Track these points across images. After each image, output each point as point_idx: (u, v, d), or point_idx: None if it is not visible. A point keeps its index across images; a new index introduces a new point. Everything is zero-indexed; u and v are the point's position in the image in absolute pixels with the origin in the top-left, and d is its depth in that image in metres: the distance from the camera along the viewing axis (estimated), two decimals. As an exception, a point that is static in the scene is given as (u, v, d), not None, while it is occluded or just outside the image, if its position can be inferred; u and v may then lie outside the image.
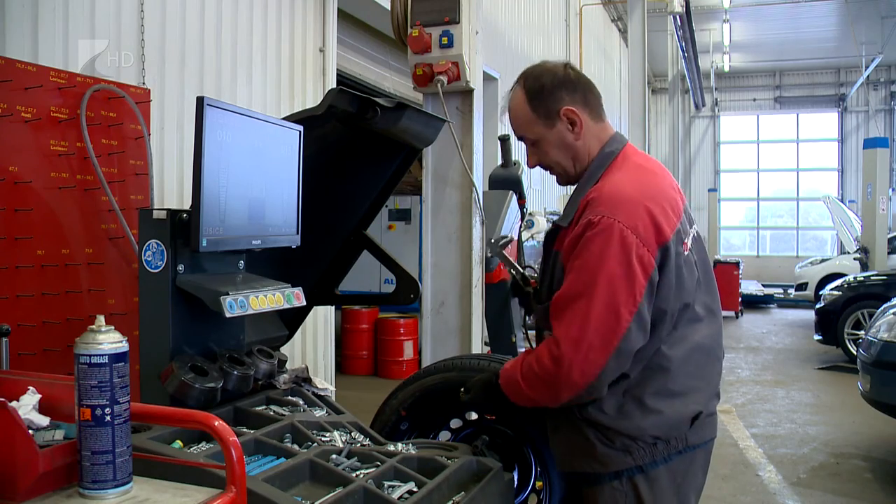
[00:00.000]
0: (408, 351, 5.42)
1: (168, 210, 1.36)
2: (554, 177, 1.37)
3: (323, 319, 3.41)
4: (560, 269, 1.25)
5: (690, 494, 1.31)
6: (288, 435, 1.36)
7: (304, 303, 1.52)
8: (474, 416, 1.67)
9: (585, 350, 1.14)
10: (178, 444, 1.21)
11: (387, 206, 5.70)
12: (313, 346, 3.34)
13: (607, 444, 1.25)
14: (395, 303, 1.94)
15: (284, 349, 1.79)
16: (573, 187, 1.35)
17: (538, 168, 1.37)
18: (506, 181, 2.90)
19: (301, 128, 1.59)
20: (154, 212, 1.37)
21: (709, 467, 1.35)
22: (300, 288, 1.51)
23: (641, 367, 1.24)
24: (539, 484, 1.58)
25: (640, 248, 1.15)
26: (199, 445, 1.24)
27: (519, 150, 7.02)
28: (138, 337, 1.37)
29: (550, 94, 1.27)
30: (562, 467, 1.36)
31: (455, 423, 1.69)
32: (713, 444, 1.35)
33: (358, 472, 1.26)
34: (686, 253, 1.25)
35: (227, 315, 1.31)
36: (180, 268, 1.36)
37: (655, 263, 1.17)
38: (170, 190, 2.40)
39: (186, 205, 1.37)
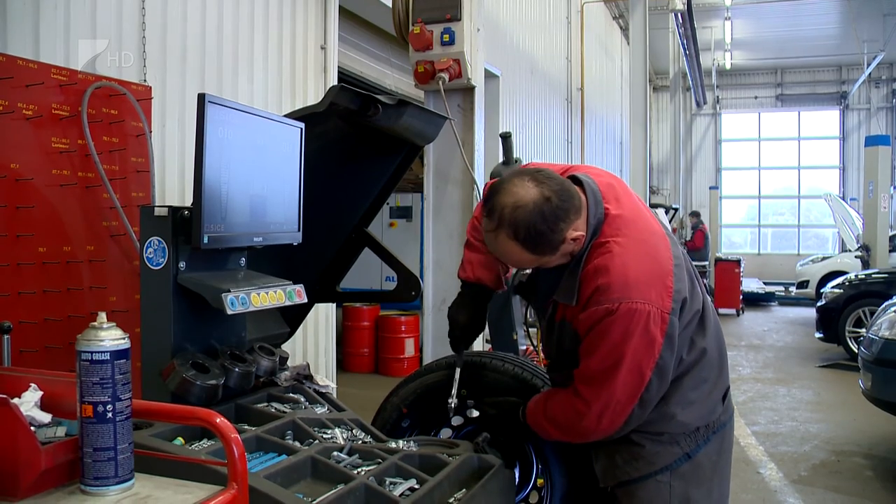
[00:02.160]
0: (409, 348, 5.42)
1: (169, 207, 1.36)
2: None
3: (324, 317, 3.41)
4: (571, 336, 1.30)
5: (726, 469, 1.37)
6: (289, 432, 1.36)
7: (306, 300, 1.52)
8: (475, 413, 1.67)
9: (613, 406, 1.24)
10: (180, 441, 1.21)
11: (388, 204, 5.69)
12: (314, 344, 3.35)
13: (655, 440, 1.30)
14: (396, 300, 1.94)
15: (285, 346, 1.79)
16: None
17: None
18: (507, 179, 2.89)
19: (302, 125, 1.58)
20: (155, 209, 1.37)
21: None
22: (302, 285, 1.51)
23: (679, 368, 1.29)
24: (540, 481, 1.58)
25: (656, 314, 1.21)
26: (201, 442, 1.24)
27: (520, 148, 6.90)
28: (140, 334, 1.37)
29: (552, 234, 1.22)
30: (606, 482, 1.37)
31: (456, 421, 1.69)
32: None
33: (359, 470, 1.26)
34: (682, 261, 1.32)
35: (229, 312, 1.31)
36: (182, 265, 1.36)
37: (673, 315, 1.23)
38: (171, 187, 2.40)
39: (188, 202, 1.37)
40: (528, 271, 1.54)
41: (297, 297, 1.49)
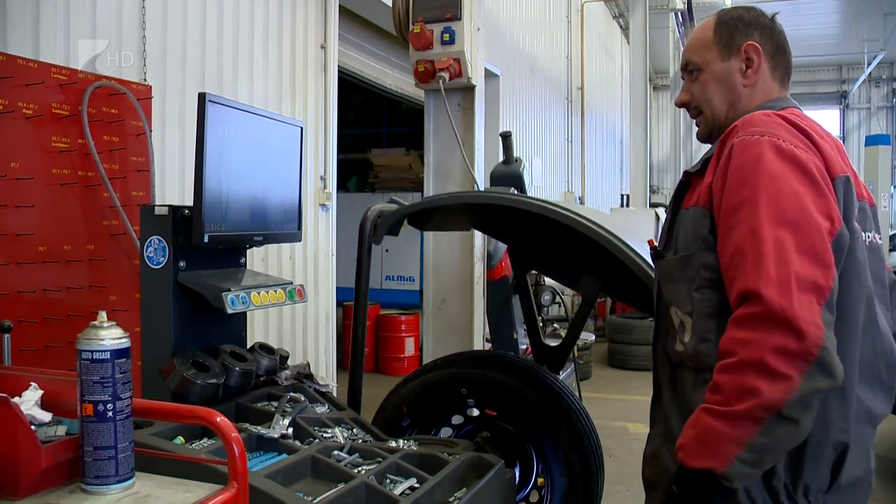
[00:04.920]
0: (409, 347, 5.41)
1: (170, 206, 1.36)
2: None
3: (324, 316, 3.41)
4: (690, 221, 0.99)
5: None
6: (289, 429, 1.36)
7: (307, 300, 1.53)
8: (476, 412, 1.68)
9: (789, 280, 0.84)
10: (180, 440, 1.21)
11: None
12: (314, 343, 3.34)
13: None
14: None
15: (286, 346, 1.79)
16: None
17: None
18: (507, 178, 2.89)
19: (303, 124, 1.59)
20: (156, 208, 1.37)
21: None
22: (302, 284, 1.52)
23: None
24: (541, 480, 1.58)
25: (808, 159, 0.90)
26: (201, 441, 1.24)
27: (520, 147, 6.80)
28: (140, 333, 1.37)
29: (744, 26, 1.07)
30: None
31: (456, 420, 1.69)
32: None
33: (359, 468, 1.26)
34: (857, 227, 0.95)
35: (229, 311, 1.31)
36: (182, 264, 1.36)
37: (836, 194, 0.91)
38: (171, 186, 2.40)
39: (188, 201, 1.37)
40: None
41: (298, 297, 1.49)
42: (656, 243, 1.09)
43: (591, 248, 1.41)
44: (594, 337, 4.90)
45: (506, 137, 2.98)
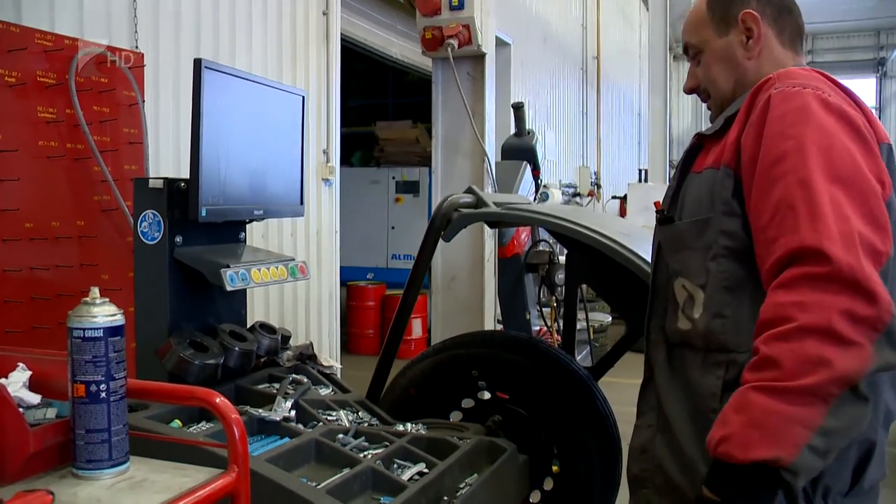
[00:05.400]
0: (417, 329, 5.37)
1: (165, 179, 1.30)
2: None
3: (328, 296, 3.37)
4: (705, 184, 0.90)
5: None
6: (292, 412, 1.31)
7: (309, 277, 1.47)
8: (487, 395, 1.63)
9: (851, 234, 0.74)
10: (177, 423, 1.17)
11: (394, 178, 5.59)
12: (317, 323, 3.30)
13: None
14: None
15: (288, 325, 1.74)
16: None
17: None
18: (519, 151, 2.81)
19: (304, 93, 1.52)
20: (150, 181, 1.32)
21: None
22: (304, 261, 1.47)
23: None
24: (555, 468, 1.53)
25: (857, 116, 0.82)
26: (199, 425, 1.21)
27: (532, 119, 6.63)
28: (134, 314, 1.32)
29: None
30: None
31: (467, 403, 1.65)
32: None
33: (366, 453, 1.22)
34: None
35: (228, 288, 1.27)
36: (178, 239, 1.31)
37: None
38: (166, 159, 2.32)
39: (183, 175, 1.32)
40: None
41: (300, 274, 1.44)
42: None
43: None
44: (611, 318, 4.80)
45: (518, 109, 2.89)
